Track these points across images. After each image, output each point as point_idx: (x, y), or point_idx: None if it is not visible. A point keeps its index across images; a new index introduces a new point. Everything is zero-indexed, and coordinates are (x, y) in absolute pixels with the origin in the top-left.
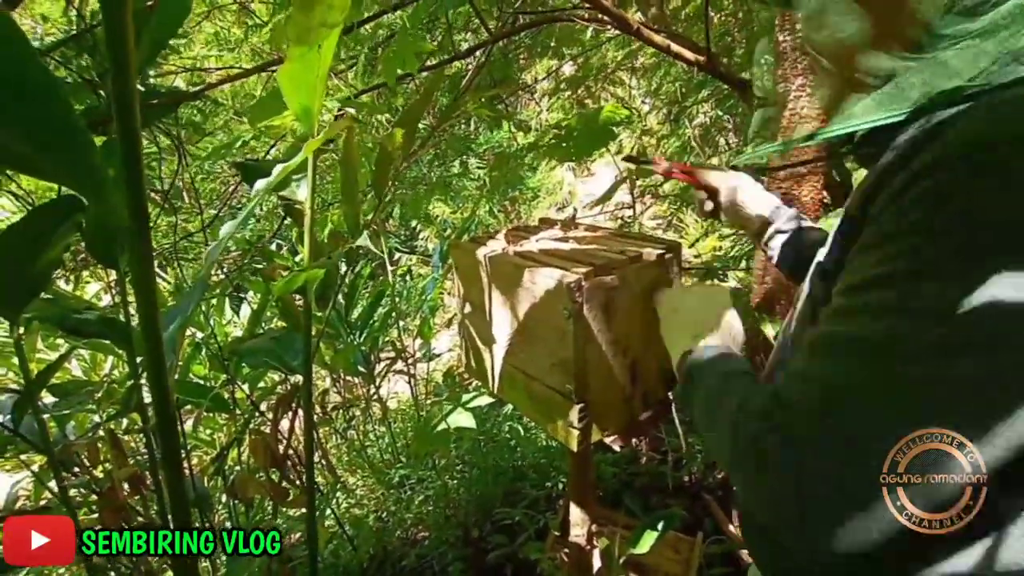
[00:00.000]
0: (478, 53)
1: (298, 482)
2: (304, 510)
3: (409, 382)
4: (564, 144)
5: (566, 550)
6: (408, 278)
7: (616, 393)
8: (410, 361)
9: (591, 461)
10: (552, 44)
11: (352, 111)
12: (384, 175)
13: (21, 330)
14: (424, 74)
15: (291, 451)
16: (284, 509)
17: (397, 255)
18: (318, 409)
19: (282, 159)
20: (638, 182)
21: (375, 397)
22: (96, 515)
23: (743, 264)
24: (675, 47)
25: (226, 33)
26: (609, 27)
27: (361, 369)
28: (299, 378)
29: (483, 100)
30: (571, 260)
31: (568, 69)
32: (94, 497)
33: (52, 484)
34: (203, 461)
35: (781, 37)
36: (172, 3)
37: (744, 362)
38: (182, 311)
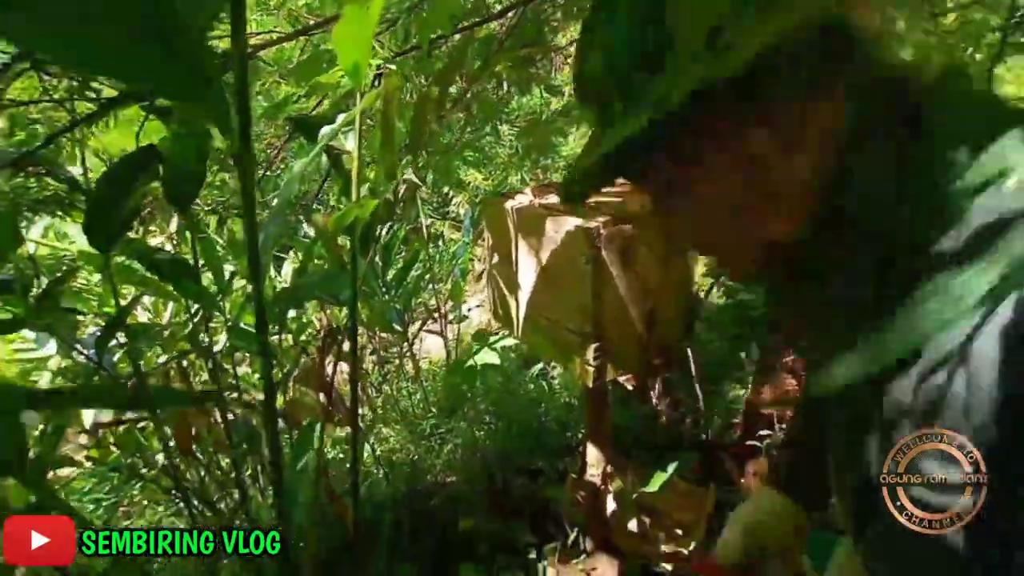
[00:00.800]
0: (510, 15)
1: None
2: (349, 429)
3: (444, 341)
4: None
5: (582, 492)
6: (440, 243)
7: (632, 337)
8: (442, 322)
9: (608, 406)
10: (586, 6)
11: (392, 67)
12: (420, 132)
13: (112, 264)
14: (457, 36)
15: (334, 385)
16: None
17: (429, 220)
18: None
19: (328, 114)
20: None
21: (408, 354)
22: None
23: None
24: None
25: None
26: None
27: (396, 327)
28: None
29: (511, 64)
30: (593, 211)
31: None
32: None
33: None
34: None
35: None
36: None
37: None
38: (273, 225)
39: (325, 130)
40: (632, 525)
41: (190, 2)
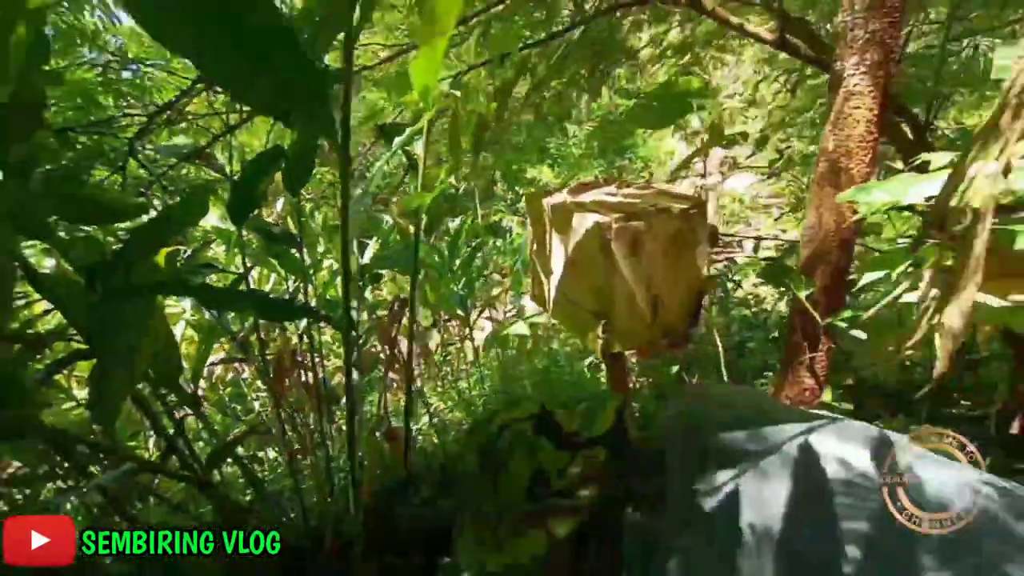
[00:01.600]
0: (576, 30)
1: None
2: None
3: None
4: (644, 113)
5: None
6: (509, 236)
7: (638, 318)
8: (500, 309)
9: (626, 373)
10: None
11: (456, 93)
12: (480, 138)
13: (244, 234)
14: (524, 52)
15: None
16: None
17: (500, 215)
18: (420, 343)
19: (408, 124)
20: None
21: (469, 337)
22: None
23: None
24: (748, 27)
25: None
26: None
27: (459, 312)
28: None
29: (582, 73)
30: (612, 209)
31: (675, 34)
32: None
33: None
34: (334, 363)
35: (839, 17)
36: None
37: None
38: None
39: (405, 134)
40: None
41: (312, 37)
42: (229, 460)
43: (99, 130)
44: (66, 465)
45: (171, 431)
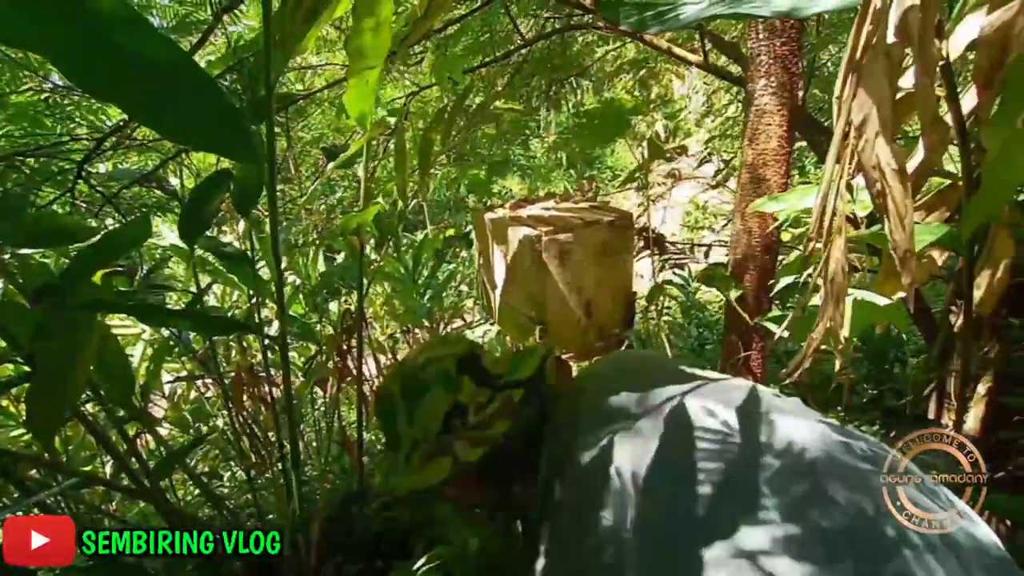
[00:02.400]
0: (521, 52)
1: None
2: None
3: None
4: (583, 132)
5: None
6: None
7: (572, 323)
8: (470, 322)
9: (571, 375)
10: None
11: (391, 120)
12: (427, 159)
13: (196, 254)
14: (474, 72)
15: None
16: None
17: (469, 227)
18: (388, 355)
19: (351, 145)
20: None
21: None
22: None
23: None
24: (675, 49)
25: (325, 35)
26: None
27: (425, 322)
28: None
29: (540, 87)
30: (544, 223)
31: (632, 50)
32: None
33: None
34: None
35: (750, 43)
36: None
37: None
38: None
39: (339, 159)
40: None
41: (260, 64)
42: (188, 479)
43: (46, 153)
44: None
45: (124, 448)
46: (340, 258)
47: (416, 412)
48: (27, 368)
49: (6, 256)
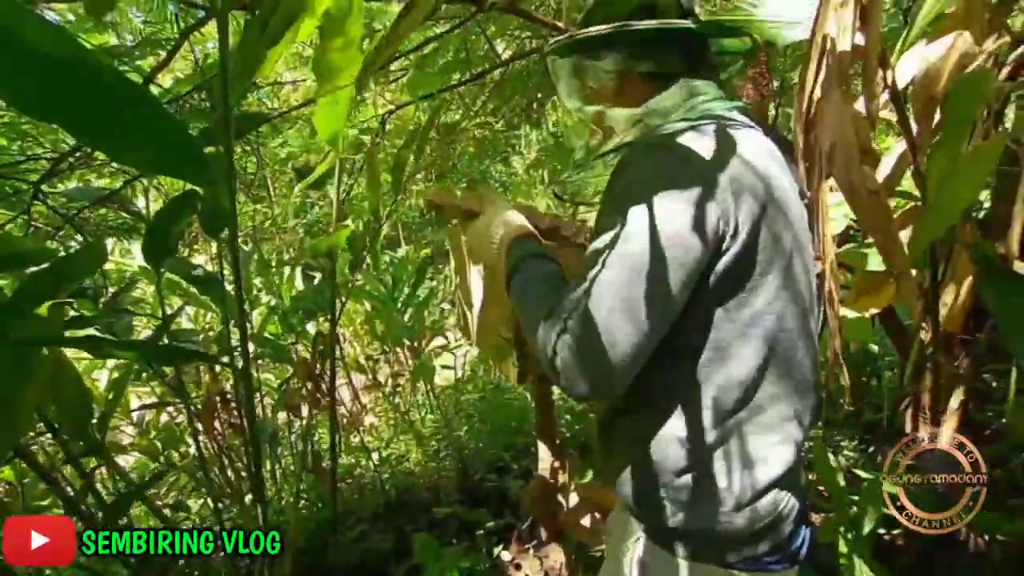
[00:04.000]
0: (497, 72)
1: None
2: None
3: (453, 357)
4: (559, 150)
5: (536, 487)
6: None
7: None
8: (452, 343)
9: (552, 406)
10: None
11: (365, 139)
12: (399, 178)
13: (162, 278)
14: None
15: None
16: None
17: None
18: (368, 375)
19: (321, 166)
20: None
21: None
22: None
23: None
24: None
25: (299, 49)
26: None
27: (406, 341)
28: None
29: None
30: None
31: None
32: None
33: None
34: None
35: None
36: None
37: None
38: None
39: (307, 179)
40: (586, 521)
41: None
42: (147, 511)
43: (2, 174)
44: None
45: (80, 483)
46: (319, 277)
47: None
48: None
49: None
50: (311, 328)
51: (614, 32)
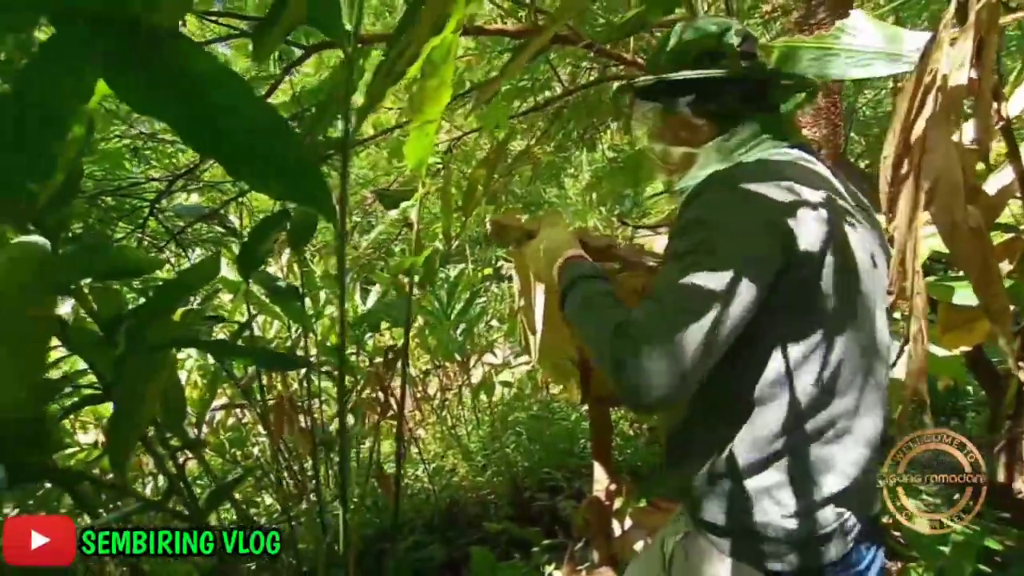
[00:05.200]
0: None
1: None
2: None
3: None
4: (615, 175)
5: (591, 509)
6: (509, 283)
7: None
8: (501, 356)
9: (609, 428)
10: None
11: (446, 166)
12: (470, 200)
13: (248, 285)
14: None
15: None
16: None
17: (503, 264)
18: (420, 388)
19: (402, 190)
20: None
21: (467, 383)
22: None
23: None
24: None
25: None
26: None
27: (456, 356)
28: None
29: (577, 131)
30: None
31: None
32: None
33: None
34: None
35: None
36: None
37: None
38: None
39: (401, 207)
40: (639, 546)
41: (319, 110)
42: (227, 505)
43: (124, 193)
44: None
45: (173, 473)
46: (374, 291)
47: None
48: (95, 391)
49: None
50: (369, 341)
51: (683, 79)
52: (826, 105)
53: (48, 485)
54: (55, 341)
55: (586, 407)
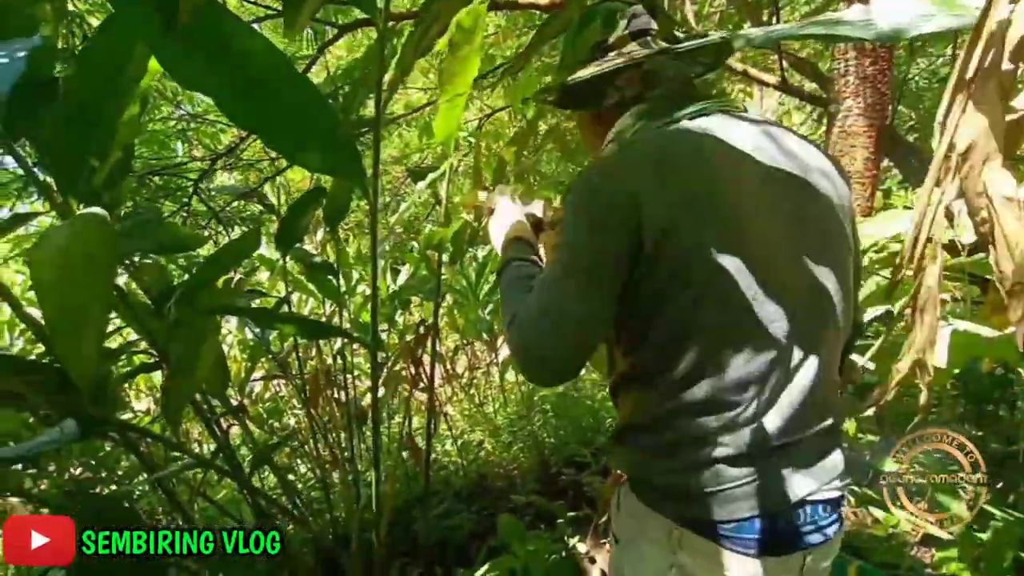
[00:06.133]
0: None
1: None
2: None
3: None
4: None
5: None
6: None
7: None
8: None
9: None
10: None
11: (473, 141)
12: (500, 176)
13: (286, 262)
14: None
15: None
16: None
17: None
18: (448, 366)
19: (432, 166)
20: None
21: (495, 362)
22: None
23: None
24: (751, 71)
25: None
26: None
27: (484, 336)
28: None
29: None
30: None
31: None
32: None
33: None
34: (365, 383)
35: (834, 63)
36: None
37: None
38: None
39: (429, 177)
40: None
41: (352, 91)
42: (267, 470)
43: (171, 172)
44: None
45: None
46: (404, 270)
47: None
48: (150, 360)
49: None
50: (399, 318)
51: (569, 82)
52: (873, 73)
53: (108, 448)
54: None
55: None
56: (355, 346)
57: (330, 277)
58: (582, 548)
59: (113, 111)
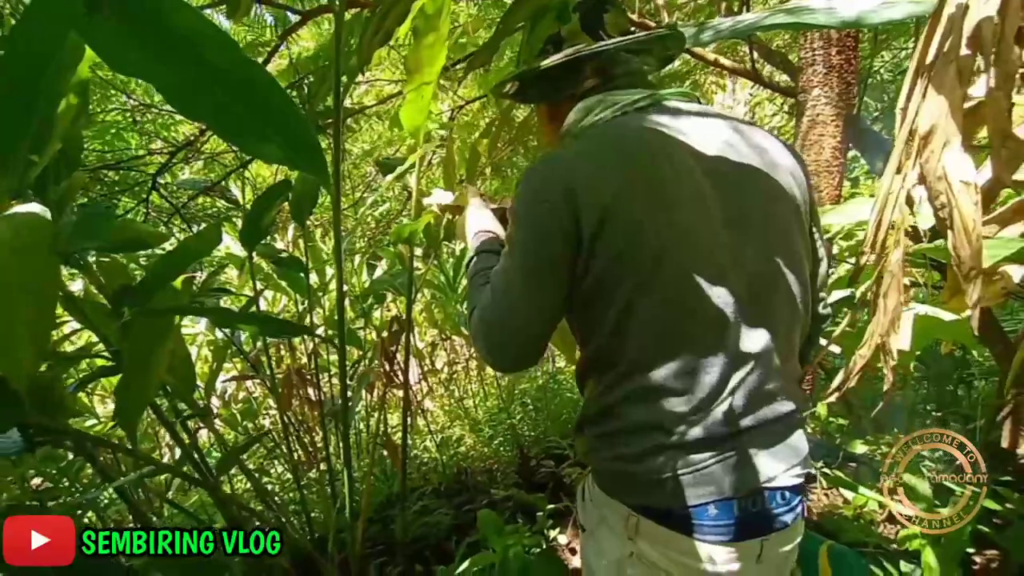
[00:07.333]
0: None
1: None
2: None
3: None
4: None
5: None
6: None
7: None
8: None
9: None
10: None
11: (445, 132)
12: (474, 168)
13: (253, 259)
14: None
15: (396, 357)
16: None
17: None
18: (427, 362)
19: (401, 158)
20: None
21: (473, 356)
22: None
23: None
24: (722, 60)
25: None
26: None
27: (463, 330)
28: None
29: None
30: None
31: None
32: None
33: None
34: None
35: (802, 52)
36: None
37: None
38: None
39: (396, 171)
40: None
41: (317, 80)
42: (239, 473)
43: (125, 166)
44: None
45: (187, 441)
46: (381, 267)
47: None
48: (109, 363)
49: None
50: (375, 314)
51: (523, 76)
52: (839, 62)
53: (71, 457)
54: (68, 316)
55: None
56: (328, 341)
57: (300, 274)
58: (563, 540)
59: (46, 101)
